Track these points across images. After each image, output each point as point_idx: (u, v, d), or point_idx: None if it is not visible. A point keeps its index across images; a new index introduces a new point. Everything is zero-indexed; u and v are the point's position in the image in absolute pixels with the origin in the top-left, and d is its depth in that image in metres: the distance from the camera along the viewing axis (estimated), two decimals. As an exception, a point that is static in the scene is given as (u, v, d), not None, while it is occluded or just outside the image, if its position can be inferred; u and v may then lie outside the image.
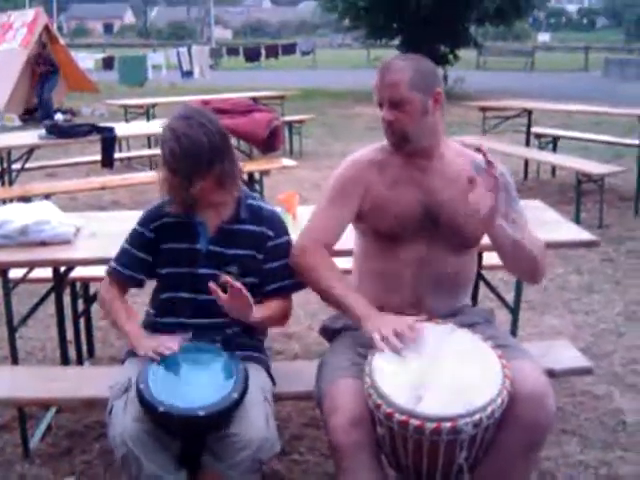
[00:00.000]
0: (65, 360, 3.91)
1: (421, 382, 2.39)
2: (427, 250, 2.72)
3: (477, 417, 2.30)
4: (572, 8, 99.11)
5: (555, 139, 9.56)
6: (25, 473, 3.44)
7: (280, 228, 2.90)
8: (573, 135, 10.19)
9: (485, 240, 2.81)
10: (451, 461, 2.39)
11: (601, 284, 5.87)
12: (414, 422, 2.30)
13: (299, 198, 3.86)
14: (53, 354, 4.46)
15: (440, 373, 2.42)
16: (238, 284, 2.60)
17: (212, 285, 2.60)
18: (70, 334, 4.25)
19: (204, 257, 2.81)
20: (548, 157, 9.11)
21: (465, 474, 2.46)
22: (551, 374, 2.99)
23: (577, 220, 7.31)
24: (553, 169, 9.60)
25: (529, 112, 9.66)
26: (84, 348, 4.43)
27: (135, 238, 2.89)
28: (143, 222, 2.88)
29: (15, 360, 3.55)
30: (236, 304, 2.62)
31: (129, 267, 2.88)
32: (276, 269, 2.86)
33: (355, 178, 2.80)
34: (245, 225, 2.84)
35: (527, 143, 10.05)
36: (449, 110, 16.98)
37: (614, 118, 11.66)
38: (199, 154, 2.65)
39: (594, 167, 7.78)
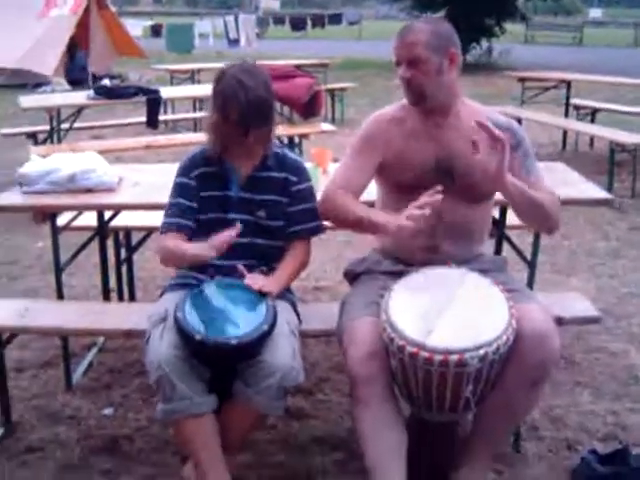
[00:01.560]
0: (107, 301, 4.16)
1: (432, 318, 2.58)
2: (442, 200, 2.89)
3: (483, 351, 2.49)
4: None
5: (594, 111, 9.60)
6: (67, 403, 3.71)
7: (302, 174, 3.11)
8: (612, 107, 10.19)
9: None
10: (458, 393, 2.58)
11: (628, 250, 6.00)
12: (424, 354, 2.49)
13: (334, 159, 4.03)
14: (97, 300, 4.70)
15: (450, 311, 2.61)
16: (250, 277, 2.85)
17: (241, 268, 2.87)
18: (112, 282, 4.52)
19: (236, 203, 3.02)
20: (584, 127, 9.17)
21: (472, 407, 2.65)
22: (560, 321, 3.14)
23: (609, 189, 7.40)
24: (591, 141, 9.65)
25: (568, 83, 9.71)
26: (126, 296, 4.68)
27: (180, 189, 3.05)
28: (183, 172, 3.07)
29: (61, 297, 3.79)
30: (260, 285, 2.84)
31: (182, 216, 3.01)
32: (298, 212, 3.07)
33: (377, 133, 3.00)
34: (271, 172, 3.05)
35: (566, 114, 10.10)
36: (492, 81, 17.10)
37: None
38: (262, 107, 2.88)
39: (628, 137, 7.83)
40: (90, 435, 3.45)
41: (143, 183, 3.79)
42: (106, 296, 4.34)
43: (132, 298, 4.71)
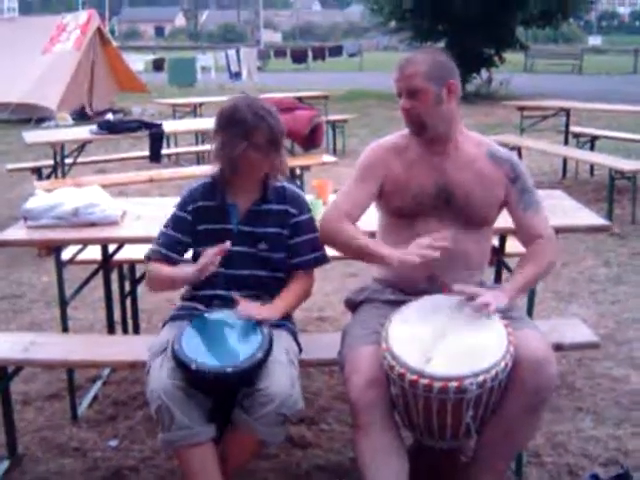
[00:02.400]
0: (112, 334, 4.20)
1: (431, 346, 2.62)
2: (441, 228, 2.94)
3: (481, 378, 2.53)
4: (624, 10, 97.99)
5: (593, 138, 9.68)
6: (73, 436, 3.74)
7: (302, 206, 3.17)
8: (611, 135, 10.27)
9: (507, 223, 3.10)
10: (459, 420, 2.62)
11: (629, 276, 6.03)
12: (423, 381, 2.53)
13: (334, 190, 4.06)
14: (101, 334, 4.73)
15: (449, 339, 2.65)
16: (243, 304, 2.91)
17: (237, 298, 2.93)
18: (117, 315, 4.56)
19: (236, 236, 3.07)
20: (583, 155, 9.23)
21: (473, 433, 2.69)
22: (559, 347, 3.19)
23: (609, 216, 7.45)
24: (591, 168, 9.71)
25: (567, 111, 9.79)
26: (130, 328, 4.72)
27: (173, 221, 3.14)
28: (180, 206, 3.15)
29: (65, 330, 3.83)
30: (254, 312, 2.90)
31: (167, 247, 3.11)
32: (299, 244, 3.12)
33: (377, 161, 3.06)
34: (271, 205, 3.11)
35: (565, 142, 10.18)
36: (493, 111, 17.20)
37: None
38: (283, 134, 3.05)
39: (627, 164, 7.90)
40: (96, 467, 3.47)
41: (146, 216, 3.85)
42: (110, 329, 4.38)
43: (136, 330, 4.74)
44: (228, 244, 2.88)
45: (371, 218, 3.16)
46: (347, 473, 3.32)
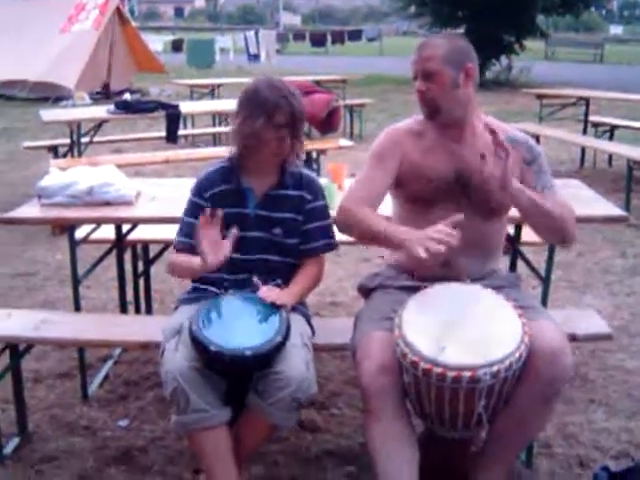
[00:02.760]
0: (124, 314, 4.21)
1: (445, 335, 2.59)
2: (457, 215, 2.91)
3: (495, 368, 2.49)
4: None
5: (612, 128, 9.59)
6: (83, 415, 3.74)
7: (318, 192, 3.14)
8: (631, 124, 10.17)
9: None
10: (471, 409, 2.59)
11: (646, 268, 5.98)
12: (436, 370, 2.50)
13: (350, 175, 4.04)
14: (114, 313, 4.74)
15: (463, 327, 2.62)
16: (264, 289, 2.89)
17: (256, 281, 2.92)
18: (130, 295, 4.56)
19: (252, 221, 3.05)
20: (602, 145, 9.16)
21: (484, 422, 2.66)
22: (573, 338, 3.16)
23: (627, 206, 7.40)
24: (610, 158, 9.64)
25: (586, 100, 9.71)
26: (142, 308, 4.72)
27: (192, 208, 3.10)
28: (197, 192, 3.12)
29: (78, 309, 3.84)
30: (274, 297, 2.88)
31: (191, 236, 3.00)
32: (312, 230, 3.10)
33: (393, 146, 3.02)
34: (288, 190, 3.08)
35: (584, 131, 10.11)
36: (512, 98, 17.10)
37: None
38: (304, 116, 3.00)
39: (645, 154, 7.84)
40: (105, 446, 3.48)
41: (160, 197, 3.83)
42: (123, 308, 4.38)
43: (149, 311, 4.74)
44: (235, 231, 2.85)
45: (386, 204, 3.13)
46: (357, 458, 3.31)
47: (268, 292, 2.89)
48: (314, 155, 7.72)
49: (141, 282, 4.69)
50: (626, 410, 3.79)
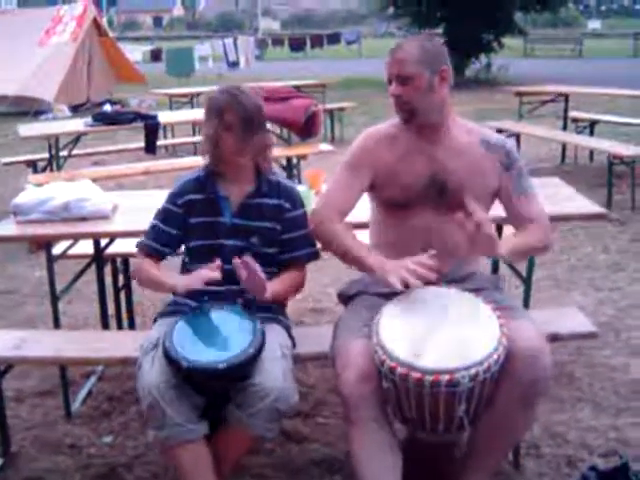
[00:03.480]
0: (106, 329, 4.17)
1: (423, 339, 2.57)
2: (435, 219, 2.90)
3: (473, 371, 2.48)
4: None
5: (592, 123, 9.60)
6: (67, 433, 3.71)
7: (296, 201, 3.12)
8: (611, 119, 10.20)
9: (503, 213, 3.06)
10: (451, 413, 2.57)
11: (628, 262, 5.98)
12: (414, 375, 2.49)
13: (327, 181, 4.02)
14: (95, 327, 4.70)
15: (441, 331, 2.61)
16: (255, 267, 2.81)
17: (236, 262, 2.82)
18: (112, 308, 4.52)
19: (229, 230, 3.04)
20: (582, 140, 9.17)
21: (466, 426, 2.64)
22: (555, 337, 3.15)
23: (609, 201, 7.43)
24: (591, 154, 9.64)
25: (565, 96, 9.72)
26: (125, 323, 4.68)
27: (163, 214, 3.11)
28: (170, 200, 3.11)
29: (57, 326, 3.80)
30: (252, 284, 2.84)
31: (157, 241, 3.10)
32: (291, 239, 3.09)
33: (368, 150, 3.01)
34: (265, 199, 3.06)
35: (564, 127, 10.12)
36: (492, 97, 17.11)
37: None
38: (259, 112, 2.98)
39: (625, 149, 7.84)
40: (90, 464, 3.44)
41: (137, 209, 3.80)
42: (105, 324, 4.34)
43: (131, 325, 4.70)
44: (218, 262, 2.85)
45: (363, 209, 3.12)
46: (343, 467, 3.28)
47: (245, 279, 2.84)
48: (294, 161, 7.69)
49: (122, 296, 4.65)
50: (613, 407, 3.78)
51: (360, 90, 19.68)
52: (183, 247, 3.17)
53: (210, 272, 2.83)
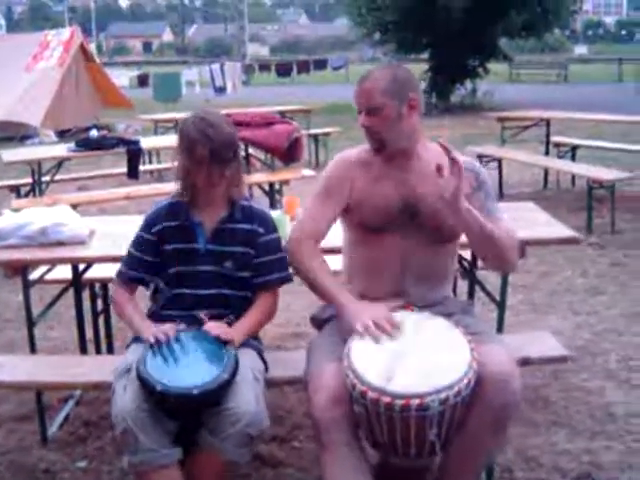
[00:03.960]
0: (84, 353, 4.17)
1: (393, 363, 2.59)
2: (407, 243, 2.93)
3: (444, 395, 2.50)
4: (610, 20, 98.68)
5: (574, 148, 9.67)
6: (42, 458, 3.68)
7: (269, 225, 3.15)
8: (592, 144, 10.29)
9: None
10: (423, 437, 2.58)
11: (607, 286, 6.01)
12: (384, 399, 2.51)
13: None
14: (74, 352, 4.68)
15: (411, 355, 2.63)
16: (210, 324, 2.92)
17: (202, 316, 2.96)
18: (90, 333, 4.52)
19: (203, 255, 3.06)
20: (563, 165, 9.25)
21: (437, 450, 2.66)
22: (527, 362, 3.18)
23: (589, 225, 7.48)
24: (573, 178, 9.70)
25: (547, 121, 9.81)
26: (103, 347, 4.67)
27: (138, 242, 3.15)
28: (145, 227, 3.15)
29: (34, 351, 3.79)
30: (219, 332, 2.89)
31: (135, 269, 3.14)
32: (265, 263, 3.11)
33: (341, 176, 3.05)
34: (239, 224, 3.09)
35: (547, 152, 10.20)
36: (476, 122, 17.21)
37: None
38: (231, 142, 3.00)
39: (605, 173, 7.92)
40: (64, 489, 3.43)
41: (114, 235, 3.81)
42: (83, 348, 4.34)
43: (110, 350, 4.70)
44: (179, 327, 2.94)
45: (335, 234, 3.14)
46: (317, 491, 3.29)
47: (213, 327, 2.89)
48: (277, 186, 7.73)
49: (101, 321, 4.65)
50: (588, 431, 3.80)
51: (346, 115, 19.70)
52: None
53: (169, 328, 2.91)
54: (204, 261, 3.06)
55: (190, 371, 2.73)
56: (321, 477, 2.73)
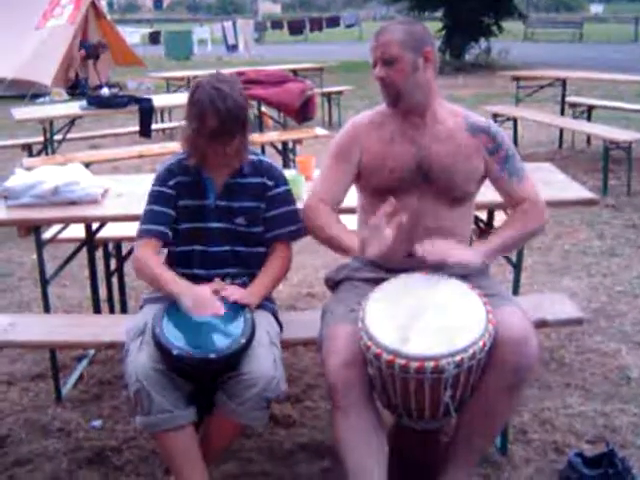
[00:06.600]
0: (97, 312, 4.17)
1: (409, 325, 2.56)
2: (420, 203, 2.90)
3: (458, 358, 2.47)
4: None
5: (590, 108, 9.56)
6: (56, 416, 3.71)
7: (279, 178, 3.10)
8: (608, 104, 10.16)
9: (496, 197, 3.05)
10: (437, 400, 2.57)
11: (622, 248, 5.98)
12: (400, 361, 2.48)
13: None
14: (88, 311, 4.69)
15: (427, 317, 2.60)
16: (229, 291, 2.86)
17: (215, 286, 2.90)
18: (104, 293, 4.52)
19: (213, 212, 3.02)
20: (578, 126, 9.14)
21: (452, 412, 2.64)
22: (544, 324, 3.15)
23: (604, 187, 7.41)
24: (588, 139, 9.62)
25: (563, 81, 9.68)
26: (117, 306, 4.68)
27: (156, 196, 3.05)
28: (161, 181, 3.06)
29: (47, 310, 3.80)
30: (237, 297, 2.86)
31: (160, 223, 3.01)
32: (276, 217, 3.07)
33: (354, 138, 3.00)
34: (248, 178, 3.04)
35: (562, 112, 10.09)
36: (491, 81, 17.05)
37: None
38: (240, 114, 2.88)
39: (621, 134, 7.82)
40: (79, 447, 3.45)
41: (127, 194, 3.78)
42: (96, 308, 4.34)
43: (124, 309, 4.69)
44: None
45: (350, 194, 3.11)
46: (331, 452, 3.27)
47: (232, 292, 2.86)
48: (290, 145, 7.68)
49: (114, 280, 4.64)
50: (602, 394, 3.78)
51: (358, 73, 19.58)
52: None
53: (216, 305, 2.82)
54: (215, 218, 3.01)
55: (207, 335, 2.71)
56: (334, 438, 2.72)
